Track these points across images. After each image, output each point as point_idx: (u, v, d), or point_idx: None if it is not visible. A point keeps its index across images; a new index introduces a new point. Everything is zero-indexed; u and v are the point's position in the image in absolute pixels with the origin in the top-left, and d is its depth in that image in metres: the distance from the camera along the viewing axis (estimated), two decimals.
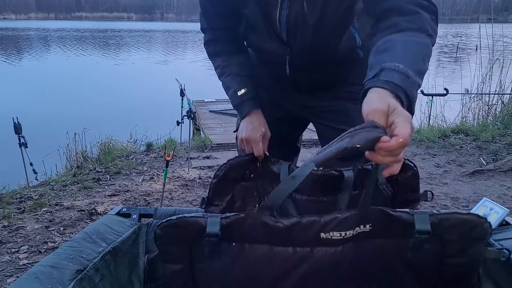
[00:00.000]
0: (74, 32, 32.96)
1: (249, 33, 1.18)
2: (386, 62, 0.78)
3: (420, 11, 0.87)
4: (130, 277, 1.14)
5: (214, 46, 1.23)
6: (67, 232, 2.31)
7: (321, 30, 1.05)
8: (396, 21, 0.87)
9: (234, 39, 1.22)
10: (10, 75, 12.43)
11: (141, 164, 3.55)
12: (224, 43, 1.22)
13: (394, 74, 0.75)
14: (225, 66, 1.22)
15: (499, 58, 5.39)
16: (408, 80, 0.75)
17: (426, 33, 0.86)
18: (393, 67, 0.76)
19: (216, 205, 1.25)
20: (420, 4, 0.88)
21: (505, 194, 2.83)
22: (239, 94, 1.19)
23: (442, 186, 3.02)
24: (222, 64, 1.22)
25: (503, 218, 1.26)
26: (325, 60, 1.14)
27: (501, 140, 4.01)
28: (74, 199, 2.77)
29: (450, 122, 4.92)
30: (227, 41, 1.22)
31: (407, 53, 0.81)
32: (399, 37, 0.85)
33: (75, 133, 4.07)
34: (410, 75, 0.76)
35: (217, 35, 1.22)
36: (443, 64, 12.17)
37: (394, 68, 0.76)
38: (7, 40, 24.57)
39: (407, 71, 0.76)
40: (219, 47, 1.22)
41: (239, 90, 1.19)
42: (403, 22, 0.86)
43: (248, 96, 1.19)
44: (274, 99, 1.31)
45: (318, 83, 1.23)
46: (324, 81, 1.23)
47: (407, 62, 0.77)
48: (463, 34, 25.94)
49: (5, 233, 2.26)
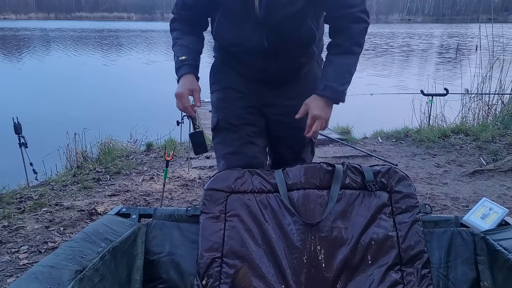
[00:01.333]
0: (74, 32, 32.97)
1: (223, 28, 1.38)
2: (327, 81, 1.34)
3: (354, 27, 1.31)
4: (129, 277, 1.14)
5: (176, 24, 1.47)
6: (67, 232, 2.31)
7: (292, 10, 1.28)
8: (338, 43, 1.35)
9: (193, 27, 1.46)
10: (10, 75, 12.42)
11: (141, 164, 3.55)
12: (183, 24, 1.46)
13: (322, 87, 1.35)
14: (178, 38, 1.45)
15: (499, 58, 5.39)
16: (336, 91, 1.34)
17: (357, 46, 1.34)
18: (329, 86, 1.33)
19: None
20: (357, 20, 1.30)
21: (505, 194, 2.83)
22: (180, 59, 1.40)
23: (442, 186, 3.02)
24: (176, 37, 1.45)
25: (503, 218, 1.27)
26: (293, 45, 1.37)
27: (501, 140, 4.01)
28: (74, 199, 2.77)
29: (450, 122, 4.92)
30: (187, 24, 1.46)
31: (338, 73, 1.35)
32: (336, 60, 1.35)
33: (75, 133, 4.07)
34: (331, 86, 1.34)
35: (181, 18, 1.46)
36: (443, 64, 12.17)
37: (329, 86, 1.34)
38: (7, 40, 24.57)
39: (331, 84, 1.33)
40: (178, 25, 1.46)
41: (181, 56, 1.41)
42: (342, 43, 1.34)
43: (187, 62, 1.40)
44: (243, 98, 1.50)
45: (285, 74, 1.46)
46: (289, 72, 1.46)
47: (337, 81, 1.34)
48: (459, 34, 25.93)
49: (5, 233, 2.26)
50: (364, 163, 3.46)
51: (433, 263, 1.23)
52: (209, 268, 1.22)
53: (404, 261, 1.22)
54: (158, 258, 1.27)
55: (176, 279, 1.24)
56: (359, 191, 1.31)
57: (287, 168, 1.36)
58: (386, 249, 1.23)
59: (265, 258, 1.24)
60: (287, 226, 1.26)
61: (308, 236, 1.24)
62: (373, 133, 4.49)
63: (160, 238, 1.29)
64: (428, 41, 23.22)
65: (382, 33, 30.84)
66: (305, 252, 1.23)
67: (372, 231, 1.25)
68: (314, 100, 1.35)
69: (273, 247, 1.24)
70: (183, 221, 1.34)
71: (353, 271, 1.22)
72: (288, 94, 1.49)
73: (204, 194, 1.31)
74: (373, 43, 21.70)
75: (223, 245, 1.25)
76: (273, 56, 1.38)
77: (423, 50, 18.24)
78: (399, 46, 20.24)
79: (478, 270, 1.17)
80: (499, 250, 1.11)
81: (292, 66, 1.46)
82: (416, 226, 1.25)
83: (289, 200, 1.28)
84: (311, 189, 1.31)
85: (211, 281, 1.21)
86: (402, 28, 39.55)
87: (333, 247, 1.24)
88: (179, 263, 1.26)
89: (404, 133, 4.37)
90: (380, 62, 14.14)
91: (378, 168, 1.34)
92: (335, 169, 1.32)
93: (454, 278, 1.20)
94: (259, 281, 1.21)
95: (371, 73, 11.35)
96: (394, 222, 1.26)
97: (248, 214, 1.29)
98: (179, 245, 1.29)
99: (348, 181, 1.32)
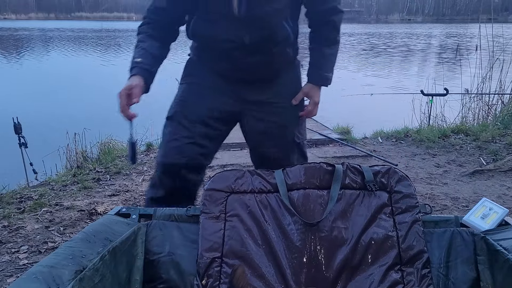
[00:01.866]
0: (74, 32, 32.96)
1: (200, 26, 1.41)
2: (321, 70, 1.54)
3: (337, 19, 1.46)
4: (129, 277, 1.14)
5: (143, 27, 1.47)
6: (67, 232, 2.31)
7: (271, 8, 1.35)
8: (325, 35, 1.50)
9: (161, 32, 1.46)
10: (10, 75, 12.42)
11: (141, 164, 3.55)
12: (151, 28, 1.45)
13: (317, 77, 1.55)
14: (141, 41, 1.45)
15: (499, 58, 5.39)
16: (328, 78, 1.55)
17: (339, 35, 1.50)
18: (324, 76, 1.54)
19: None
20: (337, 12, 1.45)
21: (505, 194, 2.83)
22: (135, 60, 1.41)
23: (442, 186, 3.02)
24: (139, 39, 1.45)
25: (503, 218, 1.26)
26: (269, 43, 1.42)
27: (501, 140, 4.01)
28: (74, 199, 2.77)
29: (450, 122, 4.92)
30: (155, 29, 1.45)
31: (329, 62, 1.54)
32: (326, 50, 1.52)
33: (75, 133, 4.07)
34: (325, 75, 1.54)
35: (150, 22, 1.46)
36: (443, 64, 12.17)
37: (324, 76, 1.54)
38: (7, 40, 24.56)
39: (325, 74, 1.54)
40: (146, 28, 1.46)
41: (137, 58, 1.41)
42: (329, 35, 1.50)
43: (140, 65, 1.40)
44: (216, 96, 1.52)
45: (262, 72, 1.50)
46: (267, 70, 1.50)
47: (330, 70, 1.54)
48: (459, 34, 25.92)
49: (5, 233, 2.26)
50: (364, 163, 3.46)
51: (433, 263, 1.23)
52: (209, 268, 1.22)
53: (404, 261, 1.22)
54: (158, 258, 1.27)
55: (176, 279, 1.24)
56: (359, 191, 1.31)
57: (287, 168, 1.36)
58: (386, 249, 1.23)
59: (265, 258, 1.24)
60: (287, 226, 1.26)
61: (308, 236, 1.24)
62: (373, 133, 4.49)
63: (160, 238, 1.29)
64: (428, 41, 23.22)
65: (381, 33, 30.83)
66: (305, 252, 1.23)
67: (372, 231, 1.25)
68: (312, 89, 1.55)
69: (273, 247, 1.24)
70: (183, 221, 1.34)
71: (353, 271, 1.22)
72: (266, 92, 1.53)
73: (204, 194, 1.31)
74: (372, 43, 21.70)
75: (223, 245, 1.25)
76: (251, 53, 1.42)
77: (423, 50, 18.24)
78: (398, 46, 20.24)
79: (478, 270, 1.17)
80: (499, 250, 1.11)
81: (269, 65, 1.50)
82: (416, 226, 1.25)
83: (289, 200, 1.28)
84: (311, 189, 1.31)
85: (211, 281, 1.21)
86: (402, 28, 39.54)
87: (333, 247, 1.24)
88: (179, 263, 1.26)
89: (404, 133, 4.37)
90: (380, 62, 14.14)
91: (378, 168, 1.34)
92: (335, 169, 1.32)
93: (454, 278, 1.20)
94: (259, 281, 1.21)
95: (371, 73, 11.35)
96: (394, 222, 1.26)
97: (248, 214, 1.29)
98: (179, 245, 1.29)
99: (348, 181, 1.32)
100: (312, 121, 4.79)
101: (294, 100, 1.54)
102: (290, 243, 1.24)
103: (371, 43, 21.63)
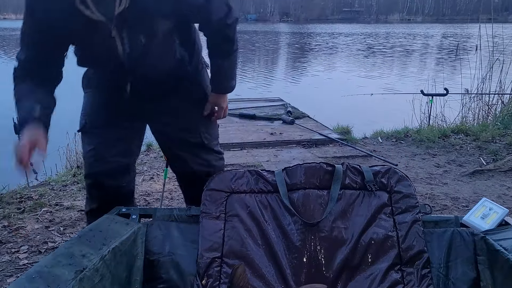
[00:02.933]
0: None
1: (85, 59, 1.42)
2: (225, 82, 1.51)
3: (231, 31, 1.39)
4: (129, 277, 1.14)
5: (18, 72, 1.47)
6: (67, 232, 2.31)
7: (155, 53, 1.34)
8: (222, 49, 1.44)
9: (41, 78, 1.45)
10: (10, 75, 12.41)
11: (141, 164, 3.55)
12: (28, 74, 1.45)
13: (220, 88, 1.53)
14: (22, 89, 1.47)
15: (499, 58, 5.38)
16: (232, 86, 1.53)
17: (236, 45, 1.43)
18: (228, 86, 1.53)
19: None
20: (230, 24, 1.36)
21: (505, 194, 2.83)
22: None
23: (442, 186, 3.02)
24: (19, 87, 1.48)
25: (503, 218, 1.26)
26: (161, 75, 1.42)
27: (501, 140, 4.01)
28: (74, 199, 2.76)
29: (450, 122, 4.91)
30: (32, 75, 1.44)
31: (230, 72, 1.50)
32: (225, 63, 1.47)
33: (75, 133, 4.06)
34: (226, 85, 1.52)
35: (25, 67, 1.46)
36: (443, 64, 12.18)
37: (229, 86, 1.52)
38: (7, 40, 24.55)
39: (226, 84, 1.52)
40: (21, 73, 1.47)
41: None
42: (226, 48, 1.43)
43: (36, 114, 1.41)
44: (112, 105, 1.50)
45: (157, 90, 1.47)
46: (161, 89, 1.47)
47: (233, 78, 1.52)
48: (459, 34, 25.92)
49: (5, 233, 2.26)
50: (364, 163, 3.46)
51: (433, 263, 1.23)
52: (209, 268, 1.22)
53: (404, 261, 1.22)
54: (158, 258, 1.27)
55: (176, 279, 1.24)
56: (359, 191, 1.31)
57: (287, 168, 1.36)
58: (386, 249, 1.23)
59: (265, 258, 1.24)
60: (287, 226, 1.26)
61: (308, 236, 1.24)
62: (373, 133, 4.49)
63: (160, 238, 1.29)
64: (428, 41, 23.22)
65: (380, 33, 30.84)
66: (305, 252, 1.23)
67: (372, 231, 1.25)
68: (217, 97, 1.54)
69: (273, 247, 1.24)
70: (183, 221, 1.34)
71: (353, 271, 1.22)
72: (169, 97, 1.50)
73: (204, 194, 1.31)
74: (372, 43, 21.70)
75: (223, 245, 1.25)
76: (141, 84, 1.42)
77: (423, 50, 18.25)
78: (398, 46, 20.25)
79: (478, 270, 1.17)
80: (499, 250, 1.11)
81: (165, 85, 1.47)
82: (416, 226, 1.25)
83: (289, 200, 1.28)
84: (311, 189, 1.31)
85: (211, 281, 1.21)
86: (402, 28, 39.55)
87: (333, 247, 1.24)
88: (179, 263, 1.26)
89: (404, 133, 4.37)
90: (379, 62, 14.15)
91: (377, 168, 1.34)
92: (335, 169, 1.33)
93: (454, 278, 1.20)
94: (259, 281, 1.21)
95: (370, 73, 11.36)
96: (394, 222, 1.26)
97: (248, 214, 1.29)
98: (179, 245, 1.29)
99: (348, 181, 1.32)
100: (312, 121, 4.79)
101: (205, 111, 1.54)
102: (290, 243, 1.24)
103: (372, 43, 21.63)
